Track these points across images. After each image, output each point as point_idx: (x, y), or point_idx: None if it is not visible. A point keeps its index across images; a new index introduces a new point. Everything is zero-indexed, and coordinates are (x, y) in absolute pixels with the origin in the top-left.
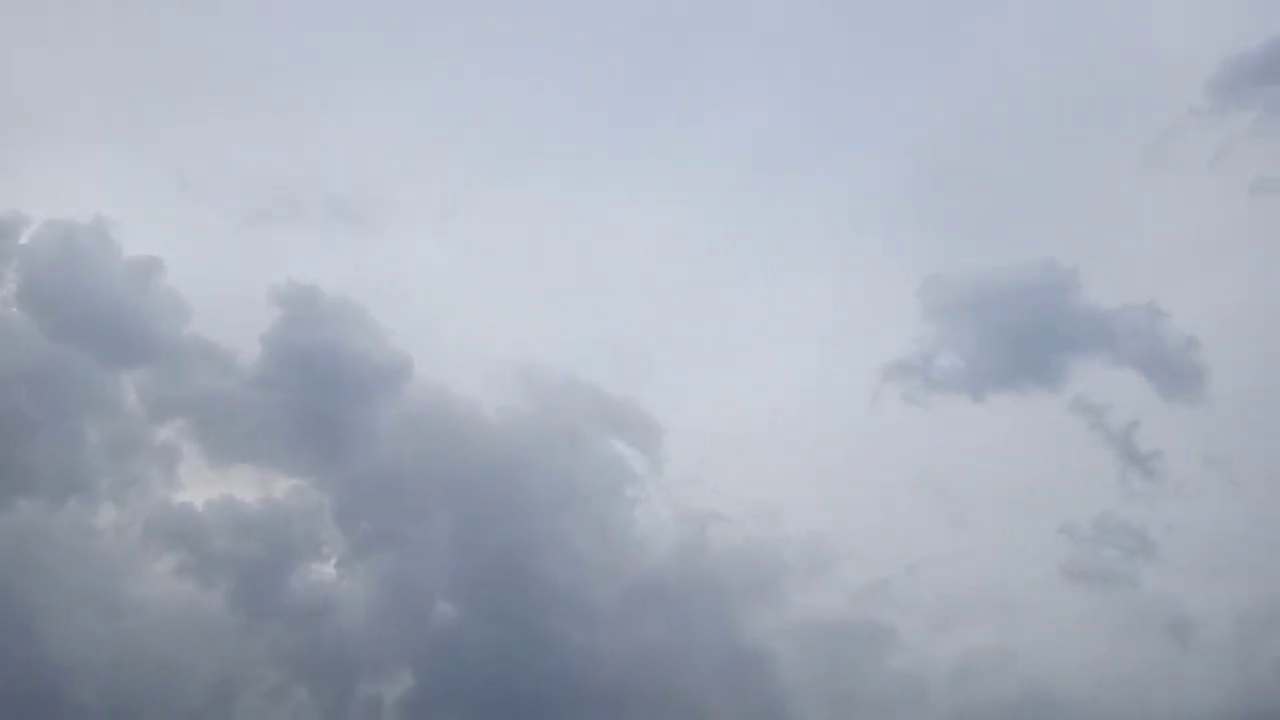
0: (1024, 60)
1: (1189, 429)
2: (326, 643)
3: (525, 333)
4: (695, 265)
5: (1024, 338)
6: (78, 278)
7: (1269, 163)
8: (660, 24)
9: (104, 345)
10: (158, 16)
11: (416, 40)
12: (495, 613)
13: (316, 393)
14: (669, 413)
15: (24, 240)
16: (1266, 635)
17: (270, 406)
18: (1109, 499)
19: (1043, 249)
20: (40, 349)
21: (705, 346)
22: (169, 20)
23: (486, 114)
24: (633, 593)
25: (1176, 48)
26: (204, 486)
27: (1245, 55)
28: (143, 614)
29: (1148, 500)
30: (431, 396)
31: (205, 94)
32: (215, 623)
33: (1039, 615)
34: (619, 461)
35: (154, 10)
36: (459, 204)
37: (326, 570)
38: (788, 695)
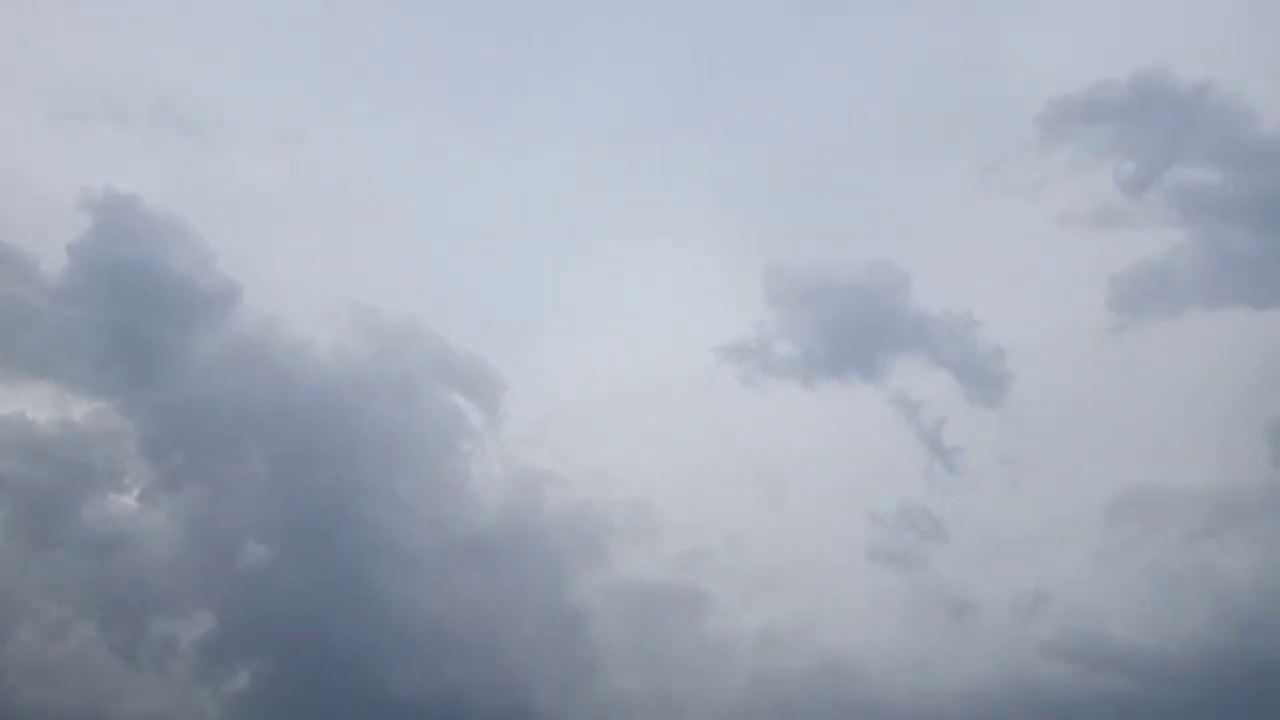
0: (882, 76)
1: (988, 430)
2: (120, 578)
3: (368, 272)
4: (553, 227)
5: (855, 332)
6: None
7: (1078, 199)
8: None
9: None
10: None
11: None
12: (310, 558)
13: (128, 311)
14: (513, 371)
15: None
16: (1034, 620)
17: (74, 321)
18: (913, 488)
19: (880, 251)
20: None
21: (555, 309)
22: None
23: (351, 38)
24: (459, 547)
25: (1016, 80)
26: None
27: (1071, 97)
28: None
29: (946, 491)
30: (259, 328)
31: None
32: None
33: (841, 591)
34: (457, 415)
35: None
36: (307, 127)
37: (126, 502)
38: (603, 654)
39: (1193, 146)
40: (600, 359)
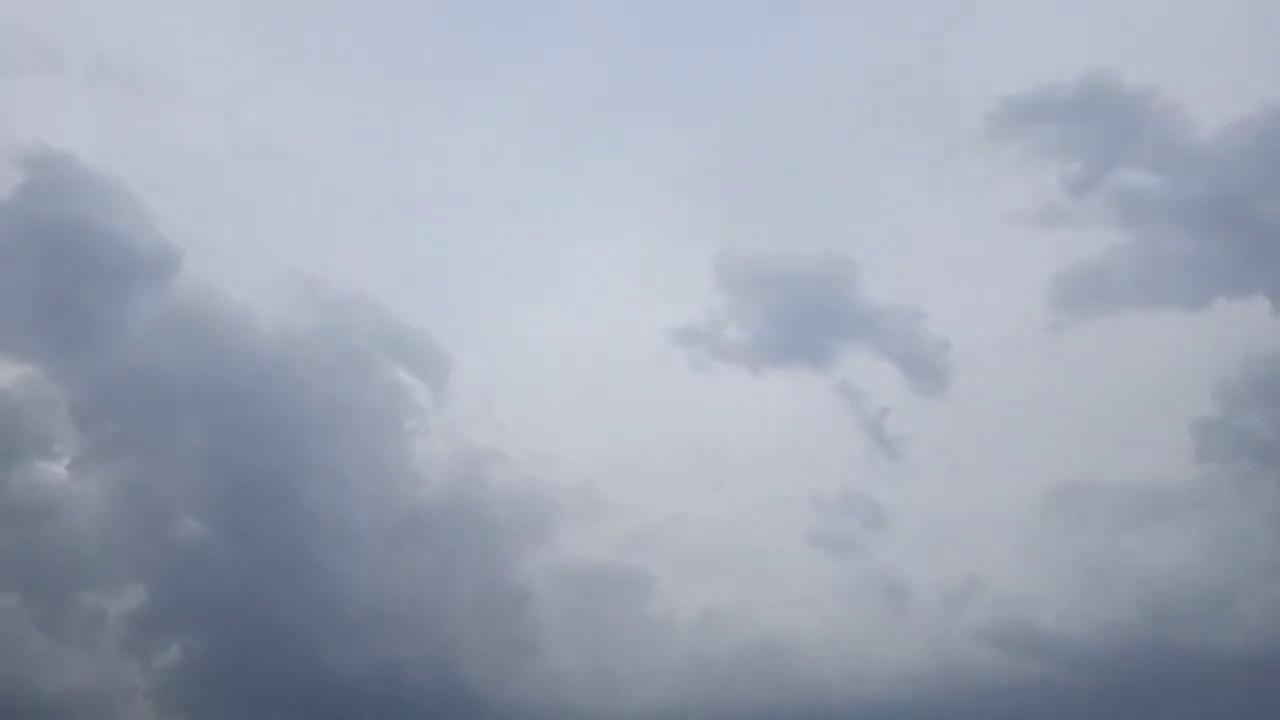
0: (839, 69)
1: (930, 420)
2: (47, 549)
3: (315, 242)
4: (506, 203)
5: (805, 320)
6: None
7: (1024, 197)
8: None
9: None
10: None
11: None
12: (247, 532)
13: (61, 273)
14: (460, 348)
15: None
16: (965, 607)
17: (1, 282)
18: (856, 475)
19: (832, 242)
20: None
21: (506, 286)
22: None
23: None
24: (400, 524)
25: (969, 78)
26: None
27: (1021, 96)
28: None
29: (887, 480)
30: (199, 295)
31: None
32: None
33: (782, 575)
34: (402, 390)
35: None
36: (255, 91)
37: (55, 470)
38: (544, 633)
39: (1135, 150)
40: (550, 338)
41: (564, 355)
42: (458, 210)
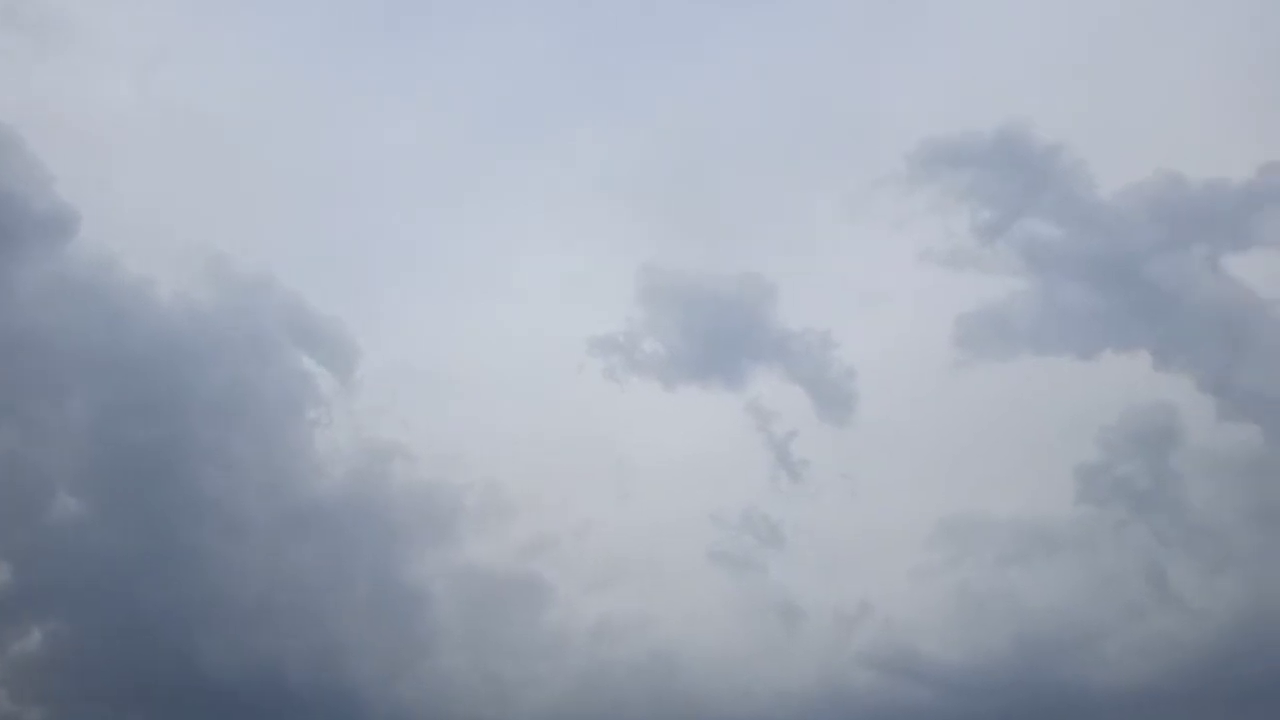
0: (770, 96)
1: (833, 446)
2: None
3: (224, 216)
4: (433, 196)
5: (720, 339)
6: None
7: (936, 237)
8: None
9: None
10: None
11: None
12: (128, 515)
13: None
14: (371, 338)
15: None
16: (855, 629)
17: None
18: (758, 495)
19: (751, 263)
20: None
21: (424, 278)
22: None
23: None
24: (294, 516)
25: (893, 117)
26: None
27: (940, 140)
28: None
29: (788, 500)
30: (96, 263)
31: None
32: None
33: (679, 588)
34: (305, 378)
35: None
36: (169, 52)
37: None
38: (437, 636)
39: (1041, 203)
40: (466, 336)
41: (479, 354)
42: (381, 198)
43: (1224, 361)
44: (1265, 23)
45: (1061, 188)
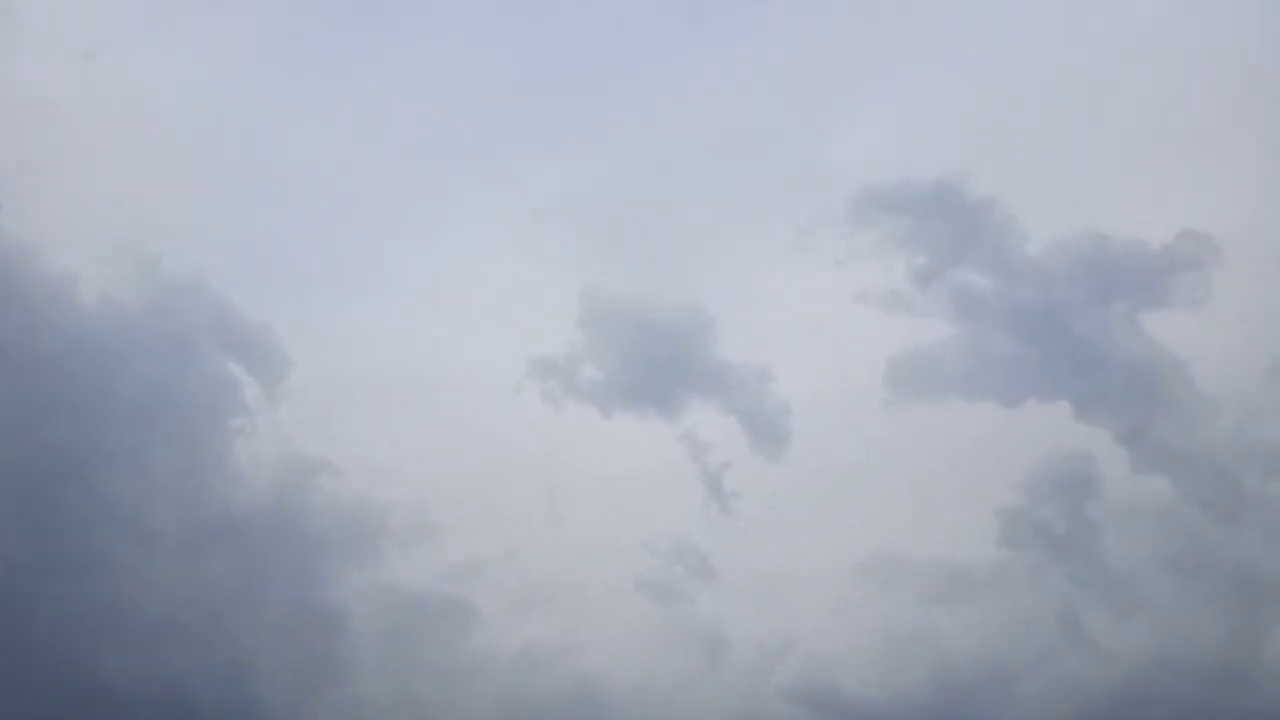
0: (722, 131)
1: (765, 480)
2: None
3: (157, 214)
4: (375, 207)
5: (659, 368)
6: None
7: (874, 280)
8: None
9: None
10: None
11: None
12: (27, 519)
13: None
14: (302, 348)
15: None
16: (779, 664)
17: None
18: (689, 525)
19: (694, 295)
20: None
21: (361, 292)
22: None
23: None
24: (210, 528)
25: (838, 161)
26: None
27: (881, 186)
28: None
29: (719, 532)
30: (13, 253)
31: None
32: None
33: (605, 616)
34: (232, 386)
35: None
36: (111, 41)
37: None
38: (354, 658)
39: (974, 253)
40: (401, 350)
41: (414, 371)
42: (321, 206)
43: (1139, 415)
44: (1191, 93)
45: (993, 240)
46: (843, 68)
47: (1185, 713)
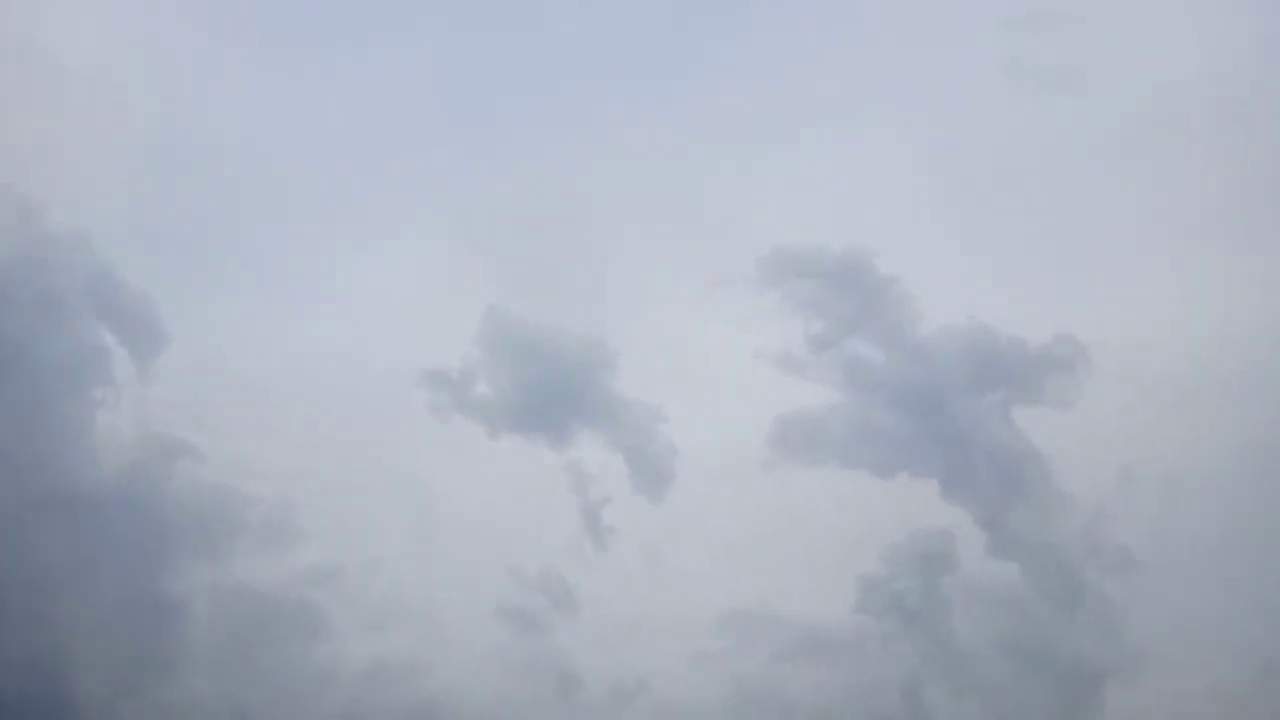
0: (646, 176)
1: (642, 520)
2: None
3: (47, 164)
4: (278, 196)
5: (552, 395)
6: None
7: (772, 339)
8: None
9: None
10: None
11: None
12: None
13: None
14: (183, 327)
15: None
16: (629, 706)
17: None
18: (559, 557)
19: (598, 328)
20: None
21: (254, 279)
22: None
23: None
24: (51, 499)
25: (756, 221)
26: None
27: (791, 249)
28: None
29: (588, 567)
30: None
31: None
32: None
33: (461, 640)
34: (100, 354)
35: None
36: None
37: None
38: (186, 657)
39: (870, 327)
40: (287, 344)
41: (298, 366)
42: (226, 180)
43: (1000, 502)
44: (1081, 197)
45: (890, 316)
46: (777, 128)
47: None
